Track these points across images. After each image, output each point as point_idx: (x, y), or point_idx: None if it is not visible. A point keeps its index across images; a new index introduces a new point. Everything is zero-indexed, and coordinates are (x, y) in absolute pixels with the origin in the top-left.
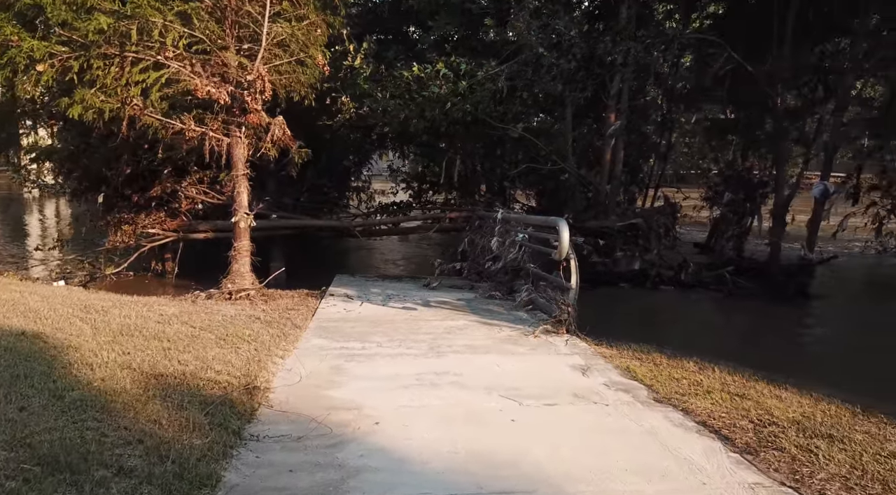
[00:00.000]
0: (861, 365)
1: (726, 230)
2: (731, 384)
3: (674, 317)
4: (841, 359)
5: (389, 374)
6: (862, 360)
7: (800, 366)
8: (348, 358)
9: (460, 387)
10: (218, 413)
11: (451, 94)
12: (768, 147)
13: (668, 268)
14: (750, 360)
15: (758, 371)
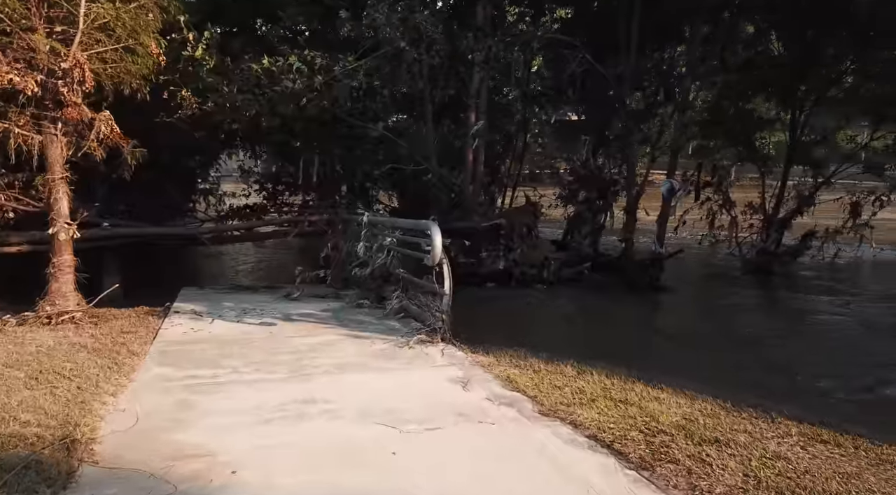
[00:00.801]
0: (712, 355)
1: (582, 227)
2: (611, 388)
3: (541, 315)
4: (695, 349)
5: (248, 406)
6: (711, 349)
7: (664, 360)
8: (198, 389)
9: (332, 416)
10: (20, 482)
11: (306, 90)
12: (617, 147)
13: (531, 267)
14: (620, 357)
15: (631, 369)
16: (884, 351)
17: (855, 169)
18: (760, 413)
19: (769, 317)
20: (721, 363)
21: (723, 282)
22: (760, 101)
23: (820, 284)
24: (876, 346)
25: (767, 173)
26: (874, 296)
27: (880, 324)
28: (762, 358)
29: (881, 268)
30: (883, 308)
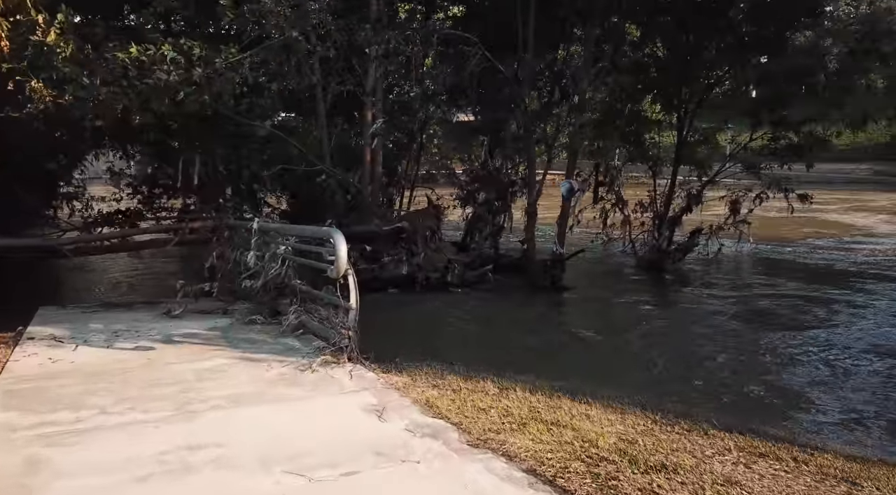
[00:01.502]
0: (620, 354)
1: (483, 229)
2: (538, 407)
3: (449, 321)
4: (604, 350)
5: (118, 460)
6: (618, 349)
7: (579, 365)
8: (53, 440)
9: (225, 467)
10: None
11: (183, 83)
12: (513, 147)
13: (435, 271)
14: (536, 365)
15: (550, 379)
16: (758, 340)
17: (736, 168)
18: (690, 424)
19: (665, 312)
20: (631, 363)
21: (620, 280)
22: (648, 102)
23: (708, 279)
24: (758, 337)
25: (658, 173)
26: (756, 288)
27: (762, 314)
28: (665, 355)
29: (759, 262)
30: (765, 300)
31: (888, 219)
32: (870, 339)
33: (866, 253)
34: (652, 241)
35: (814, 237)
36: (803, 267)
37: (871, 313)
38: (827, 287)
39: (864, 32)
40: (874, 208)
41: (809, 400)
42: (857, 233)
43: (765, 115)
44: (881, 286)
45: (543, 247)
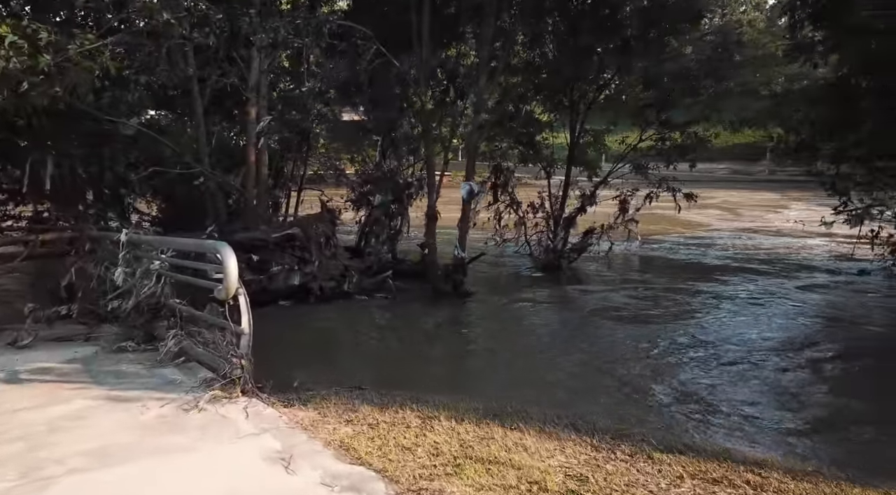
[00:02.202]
0: (533, 362)
1: (380, 233)
2: (469, 440)
3: (350, 335)
4: (516, 357)
5: None
6: (528, 355)
7: (496, 378)
8: None
9: None
10: None
11: (27, 72)
12: (408, 147)
13: (331, 280)
14: (453, 382)
15: (472, 397)
16: (658, 339)
17: (626, 169)
18: (630, 447)
19: (567, 315)
20: (543, 372)
21: (519, 282)
22: (539, 103)
23: (603, 279)
24: (656, 335)
25: (552, 174)
26: (649, 284)
27: (658, 312)
28: (573, 360)
29: (645, 259)
30: (656, 296)
31: (720, 215)
32: (757, 333)
33: (724, 247)
34: (547, 242)
35: (675, 234)
36: (680, 262)
37: (748, 306)
38: (701, 280)
39: (718, 42)
40: (711, 205)
41: (725, 403)
42: (711, 229)
43: (652, 116)
44: (760, 278)
45: (444, 250)
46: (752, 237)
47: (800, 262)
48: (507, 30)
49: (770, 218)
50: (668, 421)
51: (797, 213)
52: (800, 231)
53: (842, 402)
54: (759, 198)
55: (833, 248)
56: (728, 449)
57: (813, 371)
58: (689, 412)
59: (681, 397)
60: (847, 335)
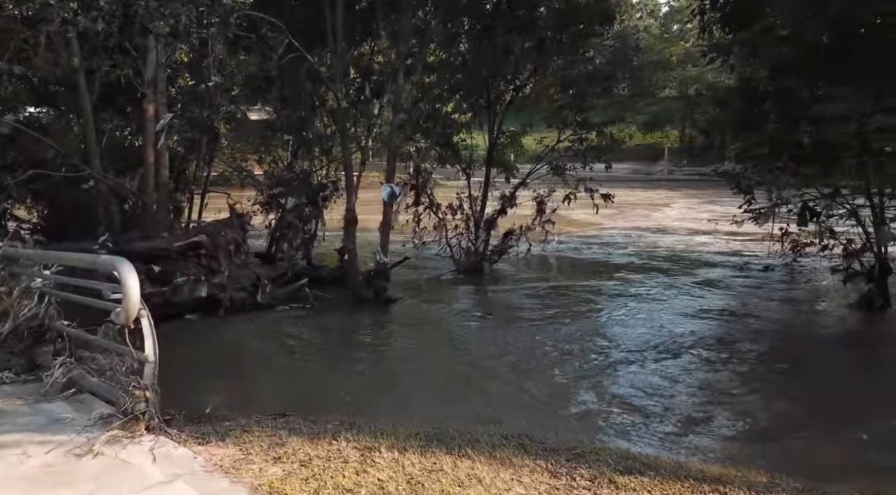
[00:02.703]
0: (460, 375)
1: (294, 238)
2: (416, 474)
3: (267, 352)
4: (445, 369)
5: None
6: (455, 368)
7: (429, 396)
8: None
9: None
10: None
11: None
12: (322, 148)
13: (242, 290)
14: (384, 402)
15: (410, 418)
16: (585, 343)
17: (544, 170)
18: (589, 472)
19: (490, 321)
20: (476, 381)
21: (442, 286)
22: (456, 102)
23: (524, 280)
24: (584, 339)
25: (471, 175)
26: (569, 286)
27: (579, 313)
28: (502, 366)
29: (561, 260)
30: (575, 297)
31: (617, 214)
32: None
33: (625, 246)
34: (468, 245)
35: (581, 234)
36: (591, 262)
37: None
38: (613, 279)
39: (618, 47)
40: (613, 204)
41: (658, 407)
42: (612, 228)
43: (569, 117)
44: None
45: (364, 255)
46: (656, 235)
47: (708, 260)
48: (423, 28)
49: (671, 215)
50: (611, 433)
51: (689, 211)
52: (702, 229)
53: (775, 405)
54: (656, 195)
55: (738, 247)
56: (681, 463)
57: (737, 370)
58: (629, 422)
59: (615, 404)
60: (763, 330)
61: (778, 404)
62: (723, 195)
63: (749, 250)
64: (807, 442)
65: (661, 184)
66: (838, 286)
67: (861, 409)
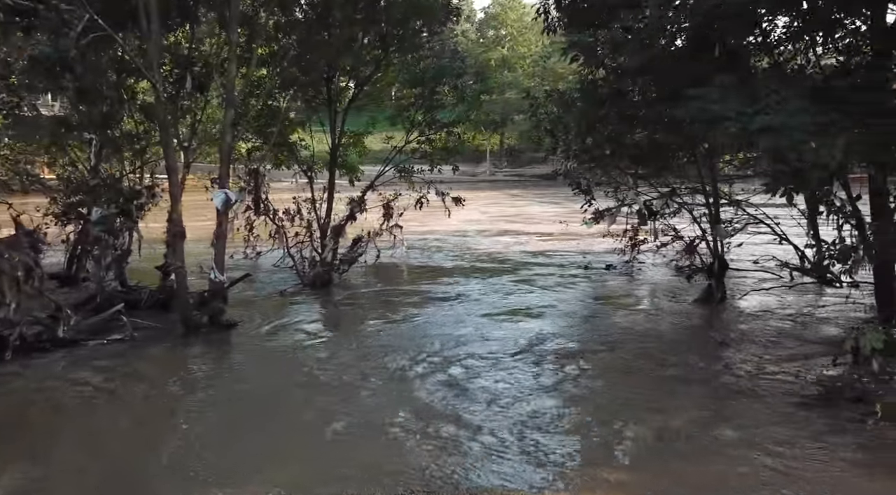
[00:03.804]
0: (318, 422)
1: (102, 255)
2: None
3: (75, 407)
4: (296, 418)
5: None
6: (310, 413)
7: (293, 453)
8: None
9: None
10: None
11: None
12: (132, 147)
13: (36, 323)
14: (236, 468)
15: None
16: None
17: (391, 172)
18: None
19: (346, 340)
20: (340, 425)
21: (288, 304)
22: (292, 99)
23: (377, 290)
24: (436, 351)
25: (314, 178)
26: (425, 295)
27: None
28: (366, 398)
29: (414, 266)
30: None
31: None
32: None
33: (469, 249)
34: (314, 254)
35: (417, 236)
36: (434, 267)
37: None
38: (460, 285)
39: (439, 50)
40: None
41: (509, 431)
42: (450, 231)
43: (416, 115)
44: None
45: (193, 273)
46: (499, 236)
47: (552, 261)
48: (251, 15)
49: (508, 215)
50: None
51: (525, 211)
52: (544, 231)
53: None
54: (486, 196)
55: (581, 247)
56: None
57: (558, 373)
58: (493, 449)
59: (468, 431)
60: (606, 330)
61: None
62: (550, 195)
63: (592, 250)
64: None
65: (485, 186)
66: (677, 282)
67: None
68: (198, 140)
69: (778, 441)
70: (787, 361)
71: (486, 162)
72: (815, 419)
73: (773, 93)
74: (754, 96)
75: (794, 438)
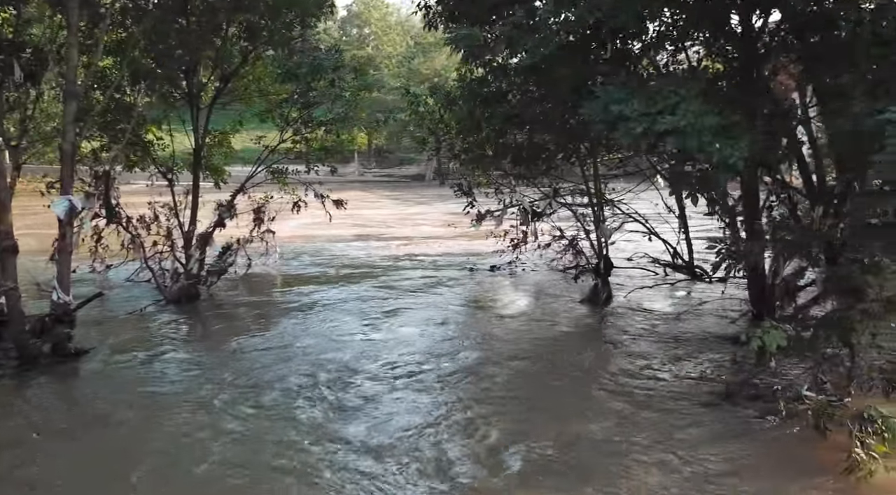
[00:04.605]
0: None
1: None
2: None
3: None
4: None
5: None
6: (182, 460)
7: None
8: None
9: None
10: None
11: None
12: None
13: None
14: None
15: None
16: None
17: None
18: None
19: (218, 368)
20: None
21: (149, 324)
22: (144, 93)
23: (249, 304)
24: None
25: (175, 182)
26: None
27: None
28: (241, 442)
29: (288, 275)
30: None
31: (322, 222)
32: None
33: (346, 255)
34: (176, 267)
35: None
36: (310, 276)
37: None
38: (345, 294)
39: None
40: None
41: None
42: (322, 237)
43: (290, 113)
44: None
45: (29, 294)
46: (375, 240)
47: (436, 263)
48: None
49: (385, 217)
50: None
51: (400, 212)
52: (427, 234)
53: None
54: (357, 196)
55: (463, 248)
56: None
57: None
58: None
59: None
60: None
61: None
62: (427, 197)
63: (479, 251)
64: None
65: (356, 186)
66: (562, 282)
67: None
68: (29, 138)
69: (691, 444)
70: (684, 360)
71: (355, 162)
72: (724, 419)
73: (672, 94)
74: (653, 97)
75: (705, 440)
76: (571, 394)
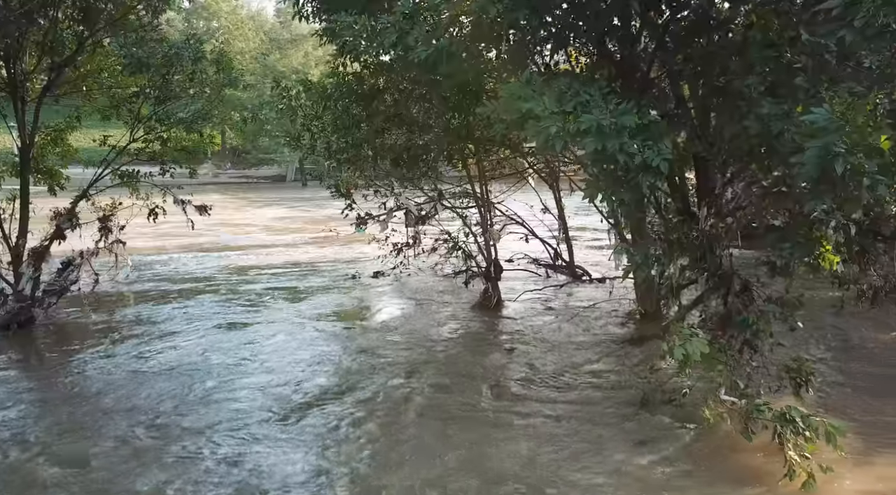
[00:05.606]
0: None
1: None
2: None
3: None
4: None
5: None
6: None
7: None
8: None
9: None
10: None
11: None
12: None
13: None
14: None
15: None
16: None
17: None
18: None
19: (49, 409)
20: None
21: None
22: None
23: (97, 329)
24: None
25: None
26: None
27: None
28: None
29: (141, 291)
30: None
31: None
32: None
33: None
34: (3, 287)
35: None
36: (169, 289)
37: None
38: (212, 311)
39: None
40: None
41: None
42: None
43: (144, 109)
44: None
45: None
46: (237, 249)
47: (315, 270)
48: None
49: (250, 219)
50: None
51: (270, 215)
52: (305, 240)
53: None
54: (213, 200)
55: (340, 255)
56: None
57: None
58: None
59: None
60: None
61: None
62: (291, 199)
63: (363, 256)
64: None
65: (212, 189)
66: (449, 287)
67: None
68: None
69: (617, 461)
70: (588, 365)
71: (209, 163)
72: (644, 430)
73: (582, 92)
74: (563, 95)
75: (633, 454)
76: (480, 411)
